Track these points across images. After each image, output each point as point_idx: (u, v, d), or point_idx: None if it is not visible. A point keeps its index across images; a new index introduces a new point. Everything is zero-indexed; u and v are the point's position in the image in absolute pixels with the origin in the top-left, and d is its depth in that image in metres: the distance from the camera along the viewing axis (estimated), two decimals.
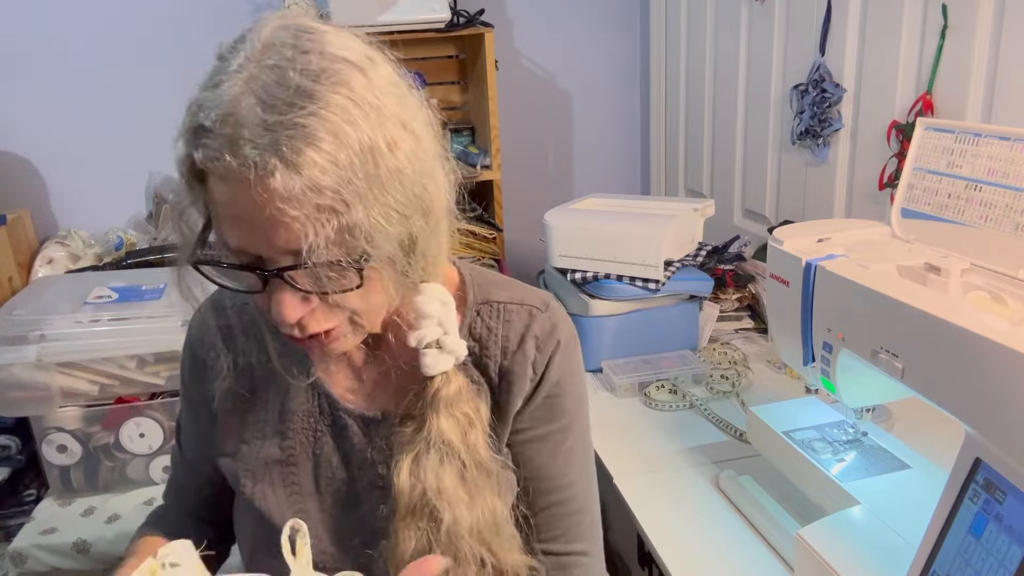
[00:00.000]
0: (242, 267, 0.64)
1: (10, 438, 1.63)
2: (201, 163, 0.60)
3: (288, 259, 0.62)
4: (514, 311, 0.80)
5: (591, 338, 1.55)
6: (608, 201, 1.77)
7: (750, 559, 1.00)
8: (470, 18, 2.11)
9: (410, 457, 0.73)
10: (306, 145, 0.57)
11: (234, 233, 0.62)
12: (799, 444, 1.05)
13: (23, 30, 2.20)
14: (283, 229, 0.59)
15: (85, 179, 2.33)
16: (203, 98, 0.61)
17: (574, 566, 0.83)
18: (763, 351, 1.62)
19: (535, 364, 0.79)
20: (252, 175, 0.57)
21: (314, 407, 0.81)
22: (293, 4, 2.03)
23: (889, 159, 1.50)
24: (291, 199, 0.57)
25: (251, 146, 0.57)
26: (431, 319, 0.73)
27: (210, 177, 0.61)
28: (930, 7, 1.38)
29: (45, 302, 1.58)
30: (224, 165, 0.58)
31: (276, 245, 0.60)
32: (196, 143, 0.60)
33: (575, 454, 0.83)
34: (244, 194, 0.58)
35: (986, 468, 0.72)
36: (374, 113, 0.61)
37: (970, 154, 0.88)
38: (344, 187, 0.59)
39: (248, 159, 0.57)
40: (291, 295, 0.64)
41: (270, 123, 0.57)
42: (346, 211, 0.59)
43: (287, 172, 0.57)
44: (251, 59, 0.60)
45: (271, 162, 0.57)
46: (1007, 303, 0.79)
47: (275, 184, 0.57)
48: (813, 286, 0.96)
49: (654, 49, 2.50)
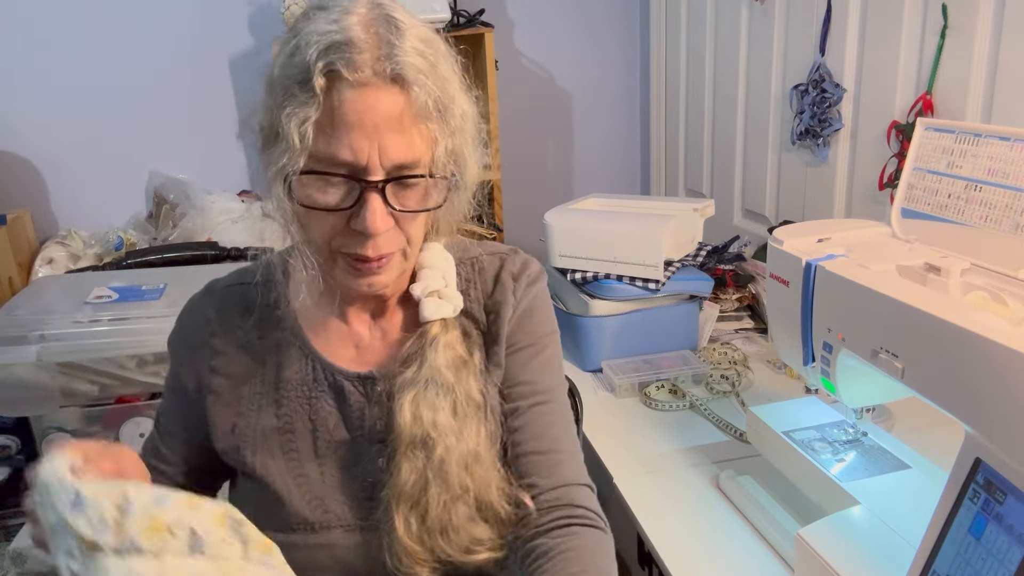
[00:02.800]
0: (349, 176, 0.70)
1: (10, 438, 1.63)
2: (343, 71, 0.67)
3: (389, 173, 0.70)
4: (486, 260, 0.90)
5: (591, 338, 1.55)
6: (608, 201, 1.76)
7: (750, 559, 1.00)
8: (470, 18, 2.11)
9: (411, 394, 0.79)
10: (430, 72, 0.70)
11: (351, 140, 0.68)
12: (799, 444, 1.05)
13: (23, 30, 2.20)
14: (408, 140, 0.69)
15: (85, 179, 2.33)
16: (326, 28, 0.69)
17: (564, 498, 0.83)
18: (763, 351, 1.62)
19: (515, 292, 0.87)
20: (393, 84, 0.68)
21: (308, 374, 0.85)
22: (293, 4, 2.03)
23: (889, 159, 1.50)
24: (428, 115, 0.70)
25: (391, 60, 0.68)
26: (435, 270, 0.83)
27: (340, 86, 0.68)
28: (930, 7, 1.38)
29: (45, 302, 1.58)
30: (367, 75, 0.67)
31: (392, 154, 0.69)
32: (335, 57, 0.67)
33: (551, 365, 0.89)
34: (381, 101, 0.68)
35: (986, 468, 0.72)
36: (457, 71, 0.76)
37: (970, 154, 0.88)
38: (456, 115, 0.73)
39: (393, 70, 0.68)
40: (382, 207, 0.71)
41: (402, 47, 0.69)
42: (454, 135, 0.73)
43: (423, 89, 0.69)
44: (359, 5, 0.71)
45: (410, 75, 0.68)
46: (1007, 303, 0.79)
47: (416, 99, 0.68)
48: (813, 286, 0.96)
49: (654, 49, 2.50)
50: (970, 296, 0.82)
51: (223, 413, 0.86)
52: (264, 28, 2.33)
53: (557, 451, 0.85)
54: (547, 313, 0.90)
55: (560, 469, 0.84)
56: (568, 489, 0.83)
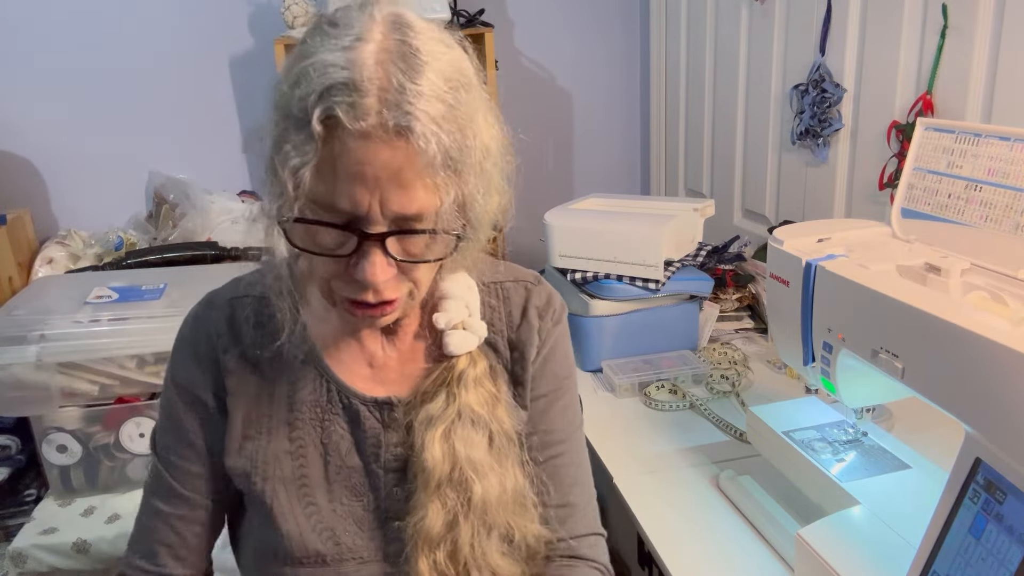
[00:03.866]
0: (345, 228, 0.65)
1: (10, 438, 1.63)
2: (343, 119, 0.61)
3: (391, 224, 0.65)
4: (511, 288, 0.86)
5: (591, 338, 1.55)
6: (608, 201, 1.76)
7: (750, 559, 1.00)
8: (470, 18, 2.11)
9: (440, 430, 0.76)
10: (446, 116, 0.63)
11: (351, 191, 0.63)
12: (799, 444, 1.05)
13: (24, 30, 2.20)
14: (410, 194, 0.63)
15: (85, 179, 2.33)
16: (332, 59, 0.62)
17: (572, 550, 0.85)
18: (763, 351, 1.62)
19: (540, 331, 0.84)
20: (398, 137, 0.61)
21: (322, 396, 0.81)
22: (293, 4, 2.03)
23: (889, 159, 1.50)
24: (433, 168, 0.63)
25: (398, 109, 0.61)
26: (459, 300, 0.79)
27: (340, 133, 0.62)
28: (930, 7, 1.38)
29: (45, 302, 1.58)
30: (369, 126, 0.61)
31: (394, 206, 0.63)
32: (336, 101, 0.61)
33: (569, 411, 0.88)
34: (383, 153, 0.61)
35: (986, 468, 0.72)
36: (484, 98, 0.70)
37: (970, 154, 0.88)
38: (473, 160, 0.66)
39: (397, 121, 0.61)
40: (383, 259, 0.66)
41: (415, 91, 0.62)
42: (465, 183, 0.66)
43: (428, 139, 0.62)
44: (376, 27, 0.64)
45: (417, 126, 0.61)
46: (1007, 303, 0.79)
47: (421, 152, 0.62)
48: (813, 286, 0.96)
49: (654, 49, 2.50)
50: (970, 296, 0.82)
51: (232, 435, 0.81)
52: (264, 28, 2.33)
53: (572, 504, 0.85)
54: (568, 354, 0.88)
55: (571, 522, 0.85)
56: (579, 541, 0.84)
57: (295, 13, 2.05)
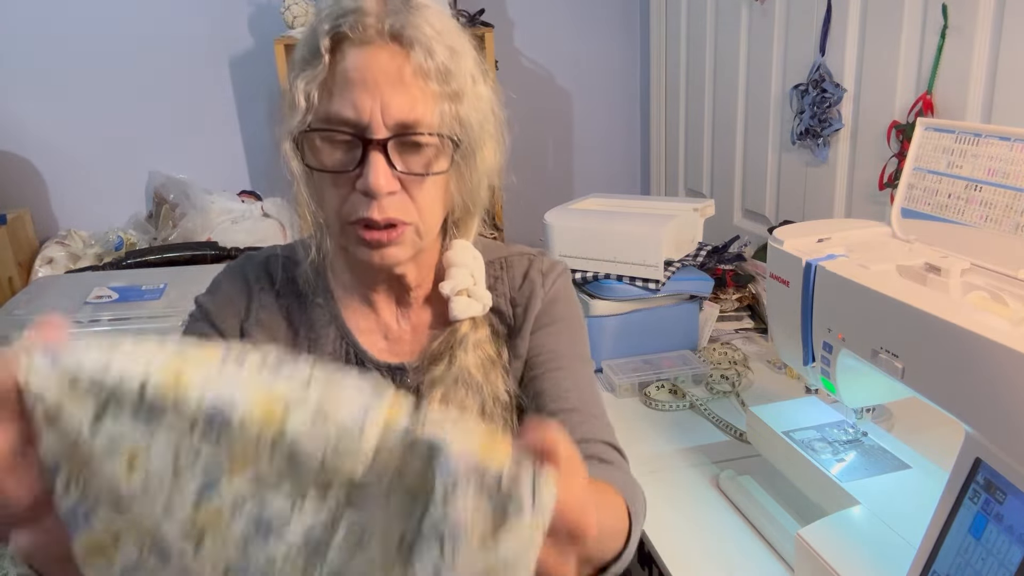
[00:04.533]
0: (352, 135, 0.71)
1: None
2: (348, 32, 0.69)
3: (392, 131, 0.70)
4: (515, 260, 0.91)
5: (591, 338, 1.54)
6: (608, 201, 1.76)
7: (750, 559, 1.00)
8: (470, 18, 2.11)
9: (439, 392, 0.80)
10: (441, 35, 0.71)
11: (353, 97, 0.69)
12: (799, 444, 1.05)
13: (24, 30, 2.20)
14: (409, 98, 0.70)
15: (85, 179, 2.33)
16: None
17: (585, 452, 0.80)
18: (763, 351, 1.62)
19: (544, 285, 0.89)
20: (395, 42, 0.70)
21: (340, 356, 0.85)
22: (293, 4, 2.03)
23: (889, 159, 1.50)
24: (427, 74, 0.70)
25: (396, 18, 0.70)
26: (464, 268, 0.83)
27: (344, 47, 0.70)
28: (930, 7, 1.38)
29: (45, 302, 1.58)
30: (370, 33, 0.69)
31: (394, 111, 0.69)
32: (343, 18, 0.70)
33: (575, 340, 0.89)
34: (381, 57, 0.69)
35: (986, 468, 0.72)
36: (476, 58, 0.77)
37: (970, 154, 0.88)
38: (463, 84, 0.73)
39: (394, 29, 0.70)
40: (385, 166, 0.71)
41: (413, 8, 0.71)
42: (459, 101, 0.72)
43: (427, 51, 0.70)
44: None
45: (417, 36, 0.70)
46: (1007, 303, 0.79)
47: (416, 58, 0.69)
48: (813, 286, 0.96)
49: (654, 49, 2.50)
50: (970, 296, 0.82)
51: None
52: (264, 28, 2.33)
53: (578, 411, 0.83)
54: (571, 300, 0.92)
55: (582, 428, 0.81)
56: (590, 445, 0.81)
57: (295, 13, 2.05)
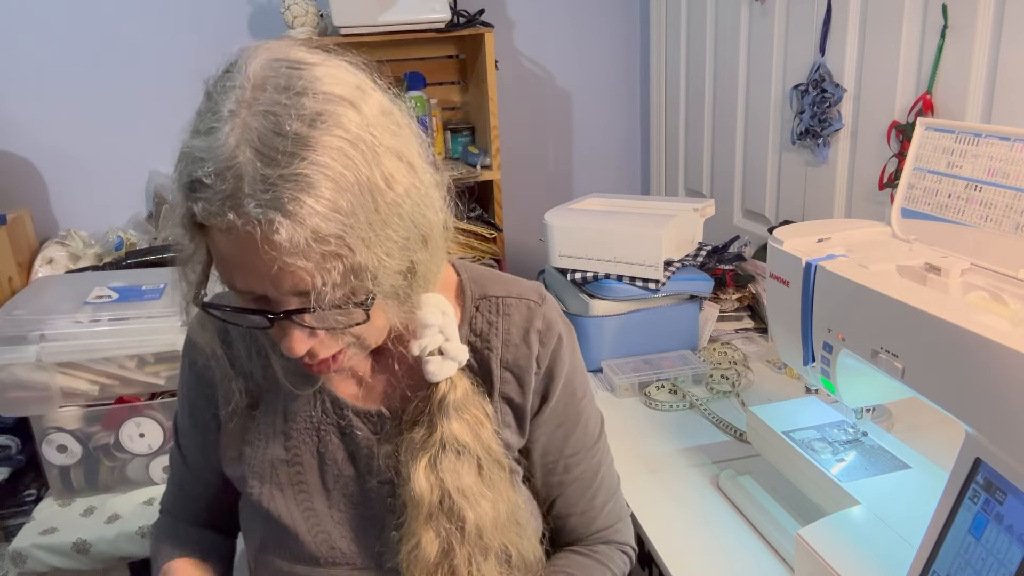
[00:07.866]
0: (248, 311, 0.65)
1: (10, 438, 1.63)
2: (202, 218, 0.60)
3: (295, 301, 0.63)
4: (512, 305, 0.82)
5: (591, 338, 1.55)
6: (608, 201, 1.76)
7: (750, 559, 1.00)
8: (470, 18, 2.11)
9: (425, 459, 0.75)
10: (307, 196, 0.57)
11: (239, 279, 0.63)
12: (799, 444, 1.05)
13: (24, 30, 2.20)
14: (290, 278, 0.60)
15: (85, 179, 2.33)
16: (196, 146, 0.60)
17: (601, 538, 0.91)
18: (763, 351, 1.62)
19: (539, 358, 0.81)
20: (257, 231, 0.57)
21: (316, 408, 0.82)
22: (293, 4, 2.03)
23: (889, 159, 1.50)
24: (297, 252, 0.58)
25: (253, 203, 0.57)
26: (432, 327, 0.75)
27: (212, 229, 0.61)
28: (930, 7, 1.38)
29: (45, 302, 1.58)
30: (227, 222, 0.58)
31: (283, 290, 0.62)
32: (195, 197, 0.60)
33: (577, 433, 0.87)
34: (249, 248, 0.59)
35: (986, 468, 0.72)
36: (370, 151, 0.60)
37: (970, 154, 0.88)
38: (347, 232, 0.59)
39: (251, 216, 0.57)
40: (299, 331, 0.66)
41: (270, 177, 0.57)
42: (350, 254, 0.60)
43: (291, 225, 0.57)
44: (243, 103, 0.59)
45: (275, 218, 0.57)
46: (1007, 303, 0.79)
47: (280, 239, 0.57)
48: (813, 286, 0.96)
49: (654, 49, 2.50)
50: (970, 296, 0.82)
51: (231, 442, 0.84)
52: (264, 28, 2.32)
53: (592, 509, 0.90)
54: (574, 375, 0.85)
55: (596, 523, 0.90)
56: (604, 533, 0.91)
57: (295, 13, 2.05)
